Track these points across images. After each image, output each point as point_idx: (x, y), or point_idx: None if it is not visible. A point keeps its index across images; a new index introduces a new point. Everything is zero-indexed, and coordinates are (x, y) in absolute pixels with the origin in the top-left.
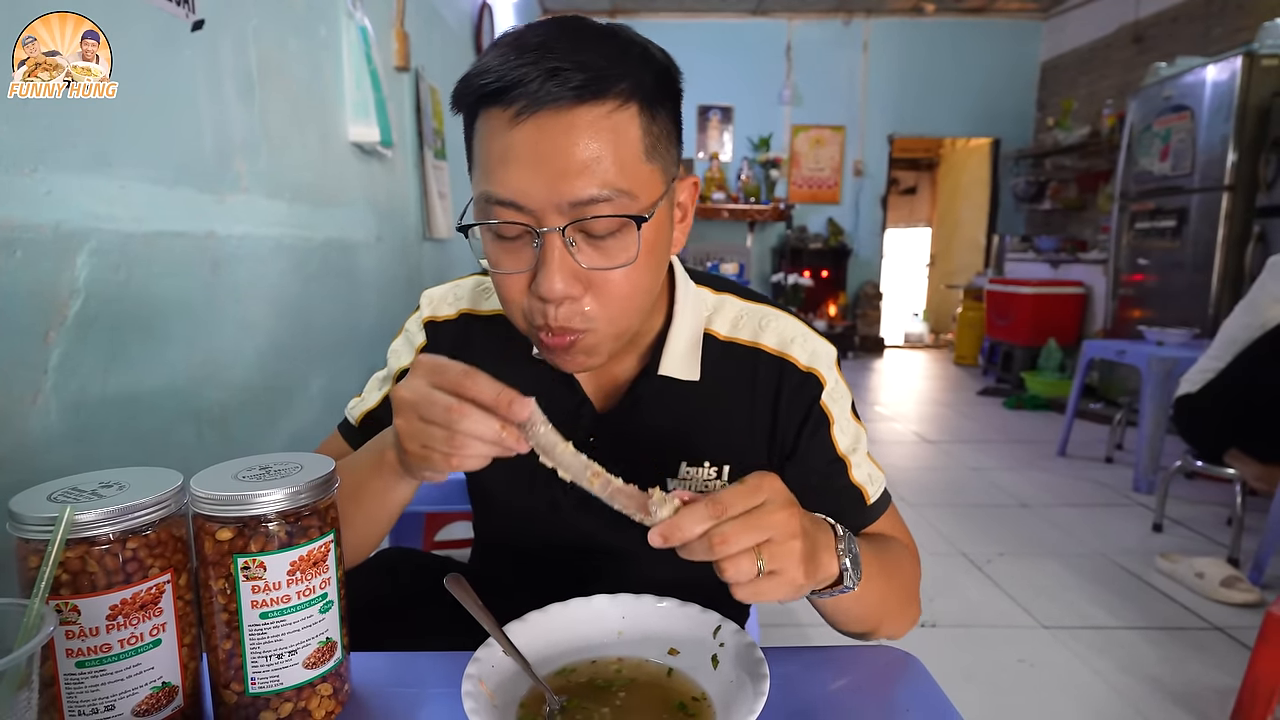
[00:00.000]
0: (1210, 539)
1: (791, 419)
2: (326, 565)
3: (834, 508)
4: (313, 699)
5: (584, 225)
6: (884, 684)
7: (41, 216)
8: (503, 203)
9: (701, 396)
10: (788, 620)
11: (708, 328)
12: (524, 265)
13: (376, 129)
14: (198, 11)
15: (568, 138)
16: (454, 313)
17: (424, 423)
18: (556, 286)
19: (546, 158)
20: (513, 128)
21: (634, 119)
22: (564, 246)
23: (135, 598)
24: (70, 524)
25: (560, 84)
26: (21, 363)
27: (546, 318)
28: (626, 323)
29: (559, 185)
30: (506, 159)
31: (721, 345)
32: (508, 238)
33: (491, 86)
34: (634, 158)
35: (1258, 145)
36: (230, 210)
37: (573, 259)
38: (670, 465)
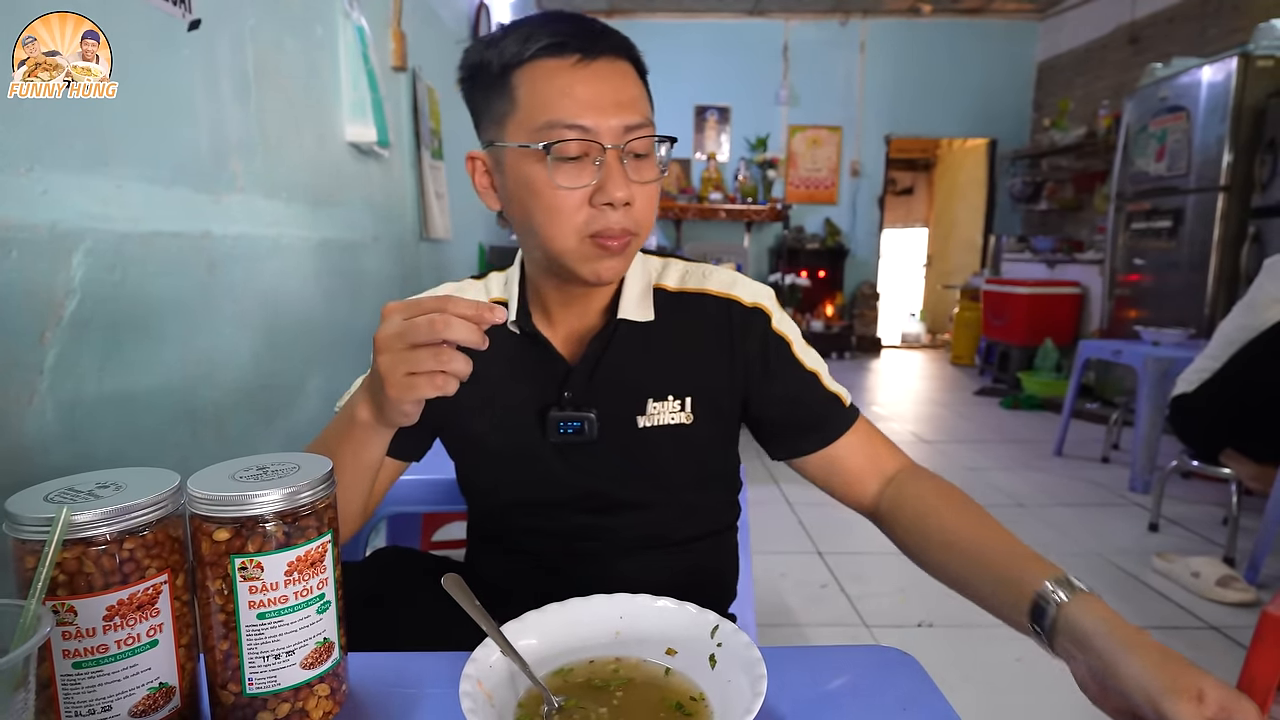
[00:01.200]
0: (1206, 539)
1: (749, 349)
2: (324, 566)
3: (819, 416)
4: (310, 699)
5: (632, 146)
6: (881, 683)
7: (37, 216)
8: (570, 126)
9: (658, 337)
10: (785, 620)
11: (657, 283)
12: (585, 180)
13: (373, 129)
14: (194, 11)
15: (618, 79)
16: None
17: (410, 349)
18: (620, 192)
19: (605, 94)
20: (572, 71)
21: (638, 78)
22: (620, 162)
23: (132, 598)
24: (67, 524)
25: (602, 43)
26: (17, 363)
27: (609, 222)
28: (647, 234)
29: (617, 113)
30: (571, 93)
31: (671, 295)
32: (571, 158)
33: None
34: (647, 102)
35: (1253, 146)
36: (226, 210)
37: (625, 172)
38: (638, 403)
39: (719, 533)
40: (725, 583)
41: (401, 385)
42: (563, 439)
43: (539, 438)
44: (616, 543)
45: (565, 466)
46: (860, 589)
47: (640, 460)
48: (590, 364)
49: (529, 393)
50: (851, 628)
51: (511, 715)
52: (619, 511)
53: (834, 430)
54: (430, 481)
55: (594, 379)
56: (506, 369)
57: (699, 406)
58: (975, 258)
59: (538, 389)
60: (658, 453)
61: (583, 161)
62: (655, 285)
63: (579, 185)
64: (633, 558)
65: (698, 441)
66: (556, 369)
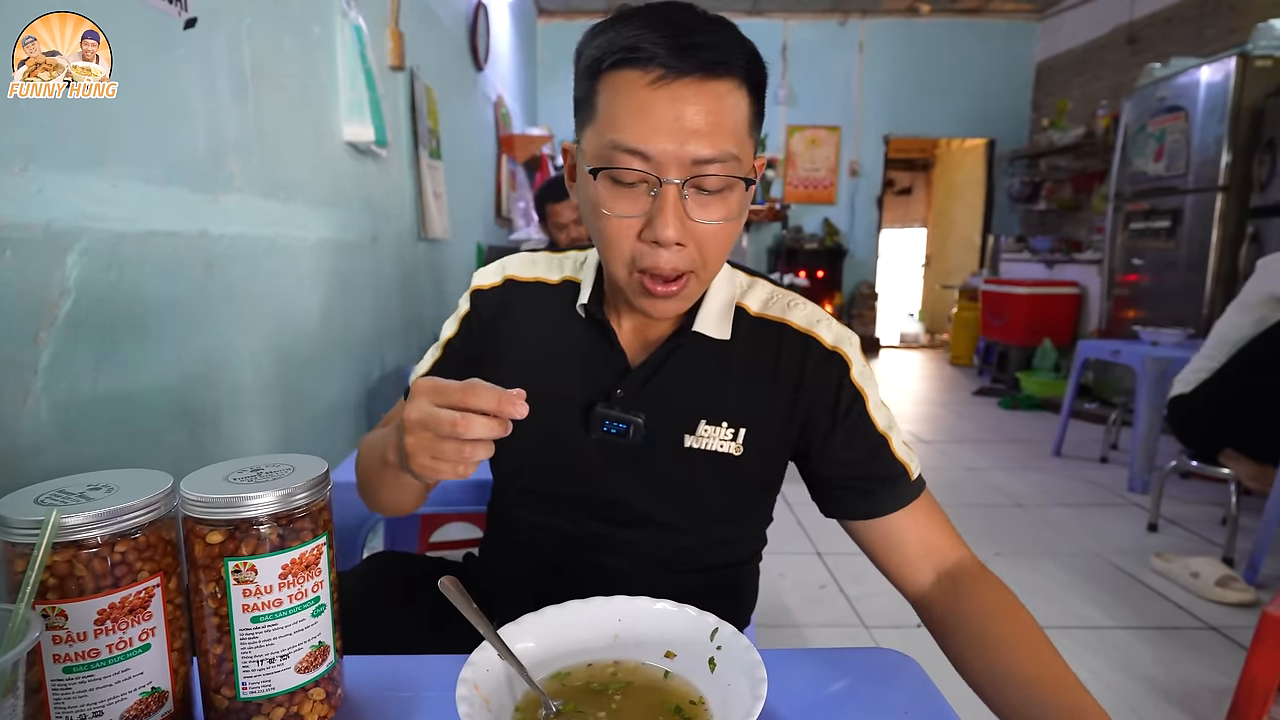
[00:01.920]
0: (1205, 539)
1: (819, 395)
2: (319, 568)
3: (882, 484)
4: (305, 704)
5: (699, 181)
6: (881, 686)
7: (32, 215)
8: (631, 151)
9: (728, 359)
10: (784, 621)
11: (740, 301)
12: (638, 211)
13: (371, 128)
14: (190, 10)
15: (698, 105)
16: (499, 279)
17: (435, 439)
18: (669, 232)
19: (678, 119)
20: (648, 90)
21: (744, 98)
22: (679, 198)
23: (124, 602)
24: (57, 527)
25: (694, 59)
26: (11, 363)
27: (657, 260)
28: (713, 274)
29: (686, 144)
30: (640, 115)
31: (751, 319)
32: (626, 184)
33: (631, 53)
34: (743, 130)
35: (1252, 146)
36: (223, 210)
37: (684, 210)
38: (690, 422)
39: (742, 563)
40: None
41: (425, 467)
42: (604, 438)
43: (580, 430)
44: (631, 559)
45: (598, 467)
46: (859, 589)
47: (679, 481)
48: (650, 369)
49: (582, 382)
50: (851, 628)
51: (509, 719)
52: (642, 528)
53: (894, 503)
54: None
55: (650, 385)
56: (565, 351)
57: (751, 440)
58: (974, 258)
59: (591, 380)
60: (699, 478)
61: (637, 190)
62: (738, 304)
63: (629, 215)
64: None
65: (742, 476)
66: (615, 364)
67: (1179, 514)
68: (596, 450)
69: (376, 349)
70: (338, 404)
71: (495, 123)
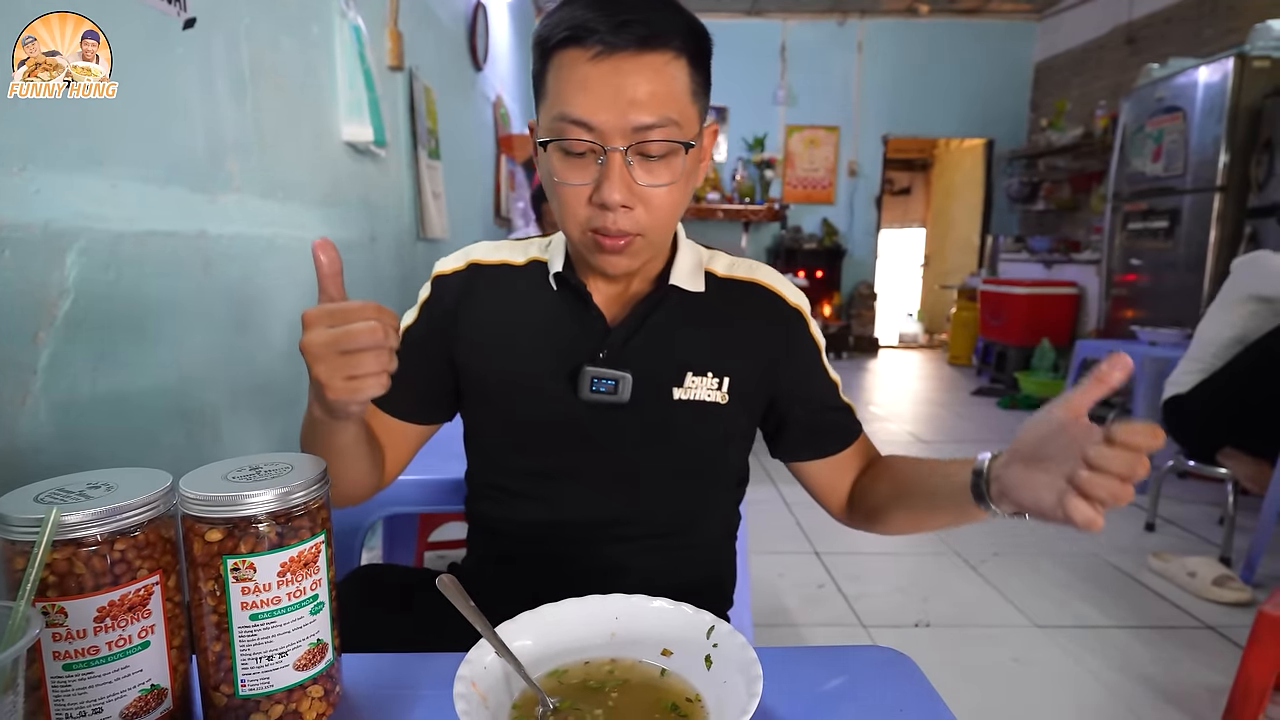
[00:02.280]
0: (1202, 538)
1: (786, 344)
2: (318, 566)
3: (836, 423)
4: (304, 701)
5: (642, 147)
6: (877, 684)
7: (30, 215)
8: (577, 122)
9: (705, 313)
10: (782, 620)
11: (707, 266)
12: (587, 179)
13: (370, 128)
14: (189, 10)
15: (636, 76)
16: (461, 264)
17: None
18: (615, 195)
19: (618, 90)
20: (589, 64)
21: (684, 68)
22: (624, 164)
23: (124, 599)
24: (57, 525)
25: (630, 34)
26: (10, 363)
27: (605, 222)
28: (663, 234)
29: (626, 113)
30: (584, 88)
31: (720, 279)
32: (575, 154)
33: (573, 31)
34: (683, 98)
35: (1249, 146)
36: (222, 210)
37: (630, 175)
38: (677, 375)
39: (721, 539)
40: (724, 591)
41: (344, 389)
42: (593, 398)
43: (569, 394)
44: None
45: (587, 432)
46: (857, 589)
47: (670, 433)
48: (632, 327)
49: (565, 347)
50: (848, 628)
51: (506, 717)
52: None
53: (849, 438)
54: (427, 481)
55: (633, 342)
56: (541, 323)
57: (735, 389)
58: (972, 258)
59: (572, 346)
60: (689, 429)
61: (586, 159)
62: (705, 268)
63: (580, 183)
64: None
65: (728, 425)
66: (594, 327)
67: (1176, 514)
68: (587, 412)
69: None
70: None
71: (494, 123)
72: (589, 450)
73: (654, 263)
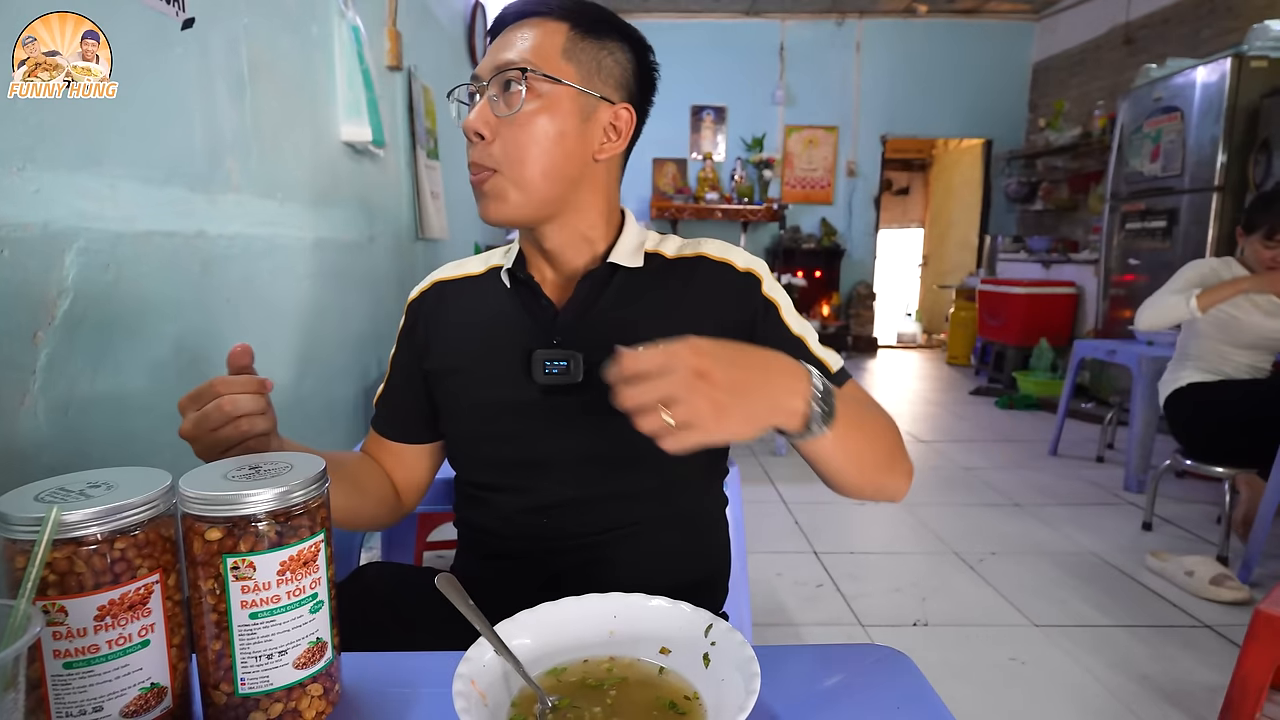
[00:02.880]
0: (1200, 538)
1: (740, 312)
2: (317, 565)
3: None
4: (303, 699)
5: (499, 79)
6: (875, 682)
7: (29, 215)
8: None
9: (653, 290)
10: (781, 619)
11: (654, 248)
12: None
13: (368, 128)
14: (187, 10)
15: (511, 35)
16: (427, 284)
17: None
18: (470, 121)
19: (496, 49)
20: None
21: (559, 31)
22: (487, 99)
23: (123, 598)
24: (57, 524)
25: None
26: (9, 363)
27: (470, 157)
28: (523, 174)
29: (495, 58)
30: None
31: (668, 260)
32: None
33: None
34: (551, 52)
35: (1247, 146)
36: (221, 209)
37: (489, 109)
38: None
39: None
40: (716, 580)
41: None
42: (549, 380)
43: (526, 382)
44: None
45: (551, 417)
46: (855, 588)
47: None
48: (579, 307)
49: (521, 339)
50: (847, 627)
51: (505, 715)
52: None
53: None
54: None
55: (583, 322)
56: (498, 321)
57: None
58: (971, 258)
59: (529, 335)
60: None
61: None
62: (652, 250)
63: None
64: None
65: None
66: (545, 314)
67: (1174, 513)
68: (545, 398)
69: (373, 349)
70: (335, 403)
71: None
72: (553, 435)
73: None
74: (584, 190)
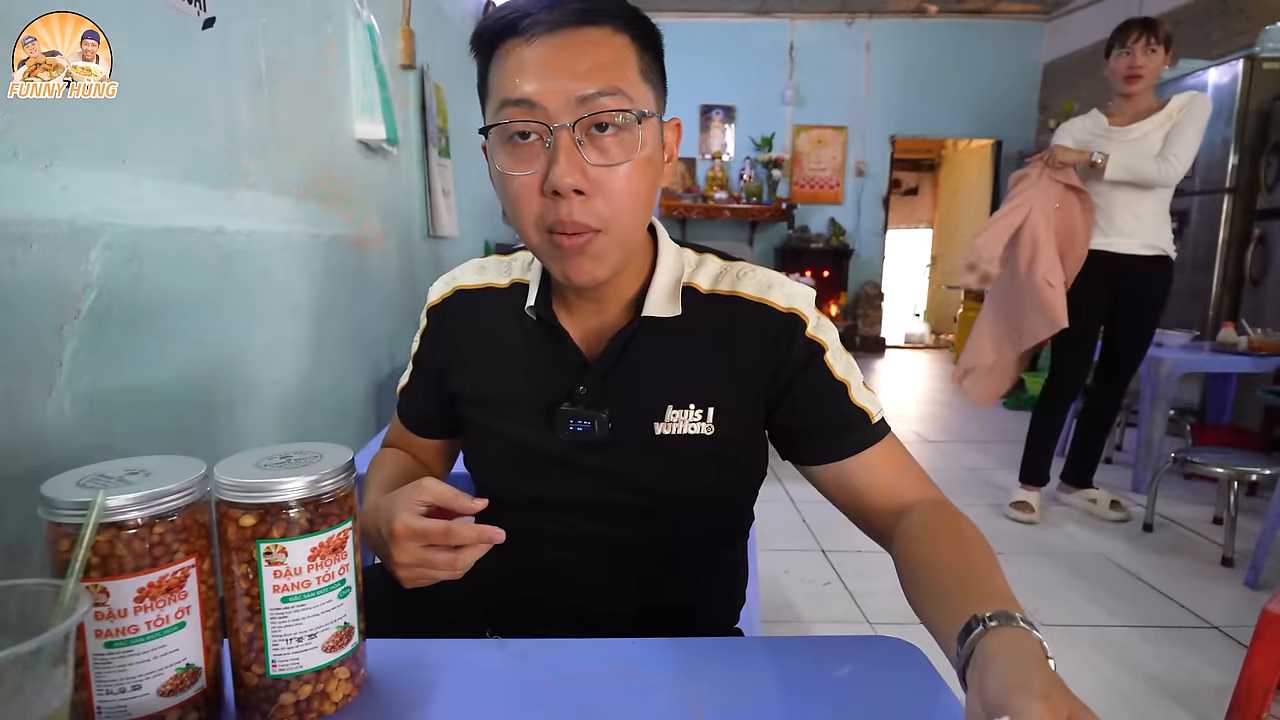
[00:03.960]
0: (1203, 537)
1: (779, 357)
2: (345, 551)
3: (840, 426)
4: (331, 682)
5: (591, 120)
6: (886, 674)
7: (57, 211)
8: (518, 103)
9: (684, 339)
10: (789, 617)
11: (690, 281)
12: (537, 166)
13: (382, 126)
14: (208, 9)
15: (576, 48)
16: (449, 290)
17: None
18: (567, 179)
19: (558, 65)
20: (527, 48)
21: (628, 44)
22: (573, 143)
23: (162, 581)
24: (103, 508)
25: (563, 11)
26: (37, 355)
27: (560, 214)
28: (628, 231)
29: (569, 84)
30: (521, 70)
31: (704, 297)
32: (521, 139)
33: (506, 21)
34: (632, 71)
35: (1259, 148)
36: (239, 206)
37: (581, 156)
38: (657, 409)
39: (725, 565)
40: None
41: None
42: (571, 437)
43: (547, 433)
44: (622, 555)
45: (574, 468)
46: (863, 586)
47: (655, 470)
48: (609, 362)
49: (542, 386)
50: (854, 624)
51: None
52: (627, 522)
53: (853, 444)
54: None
55: (611, 378)
56: (523, 358)
57: (721, 418)
58: None
59: (551, 383)
60: (675, 463)
61: (533, 144)
62: (687, 283)
63: (528, 171)
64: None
65: (718, 455)
66: (573, 363)
67: (1178, 514)
68: (568, 450)
69: (386, 345)
70: (349, 398)
71: None
72: (575, 484)
73: (628, 281)
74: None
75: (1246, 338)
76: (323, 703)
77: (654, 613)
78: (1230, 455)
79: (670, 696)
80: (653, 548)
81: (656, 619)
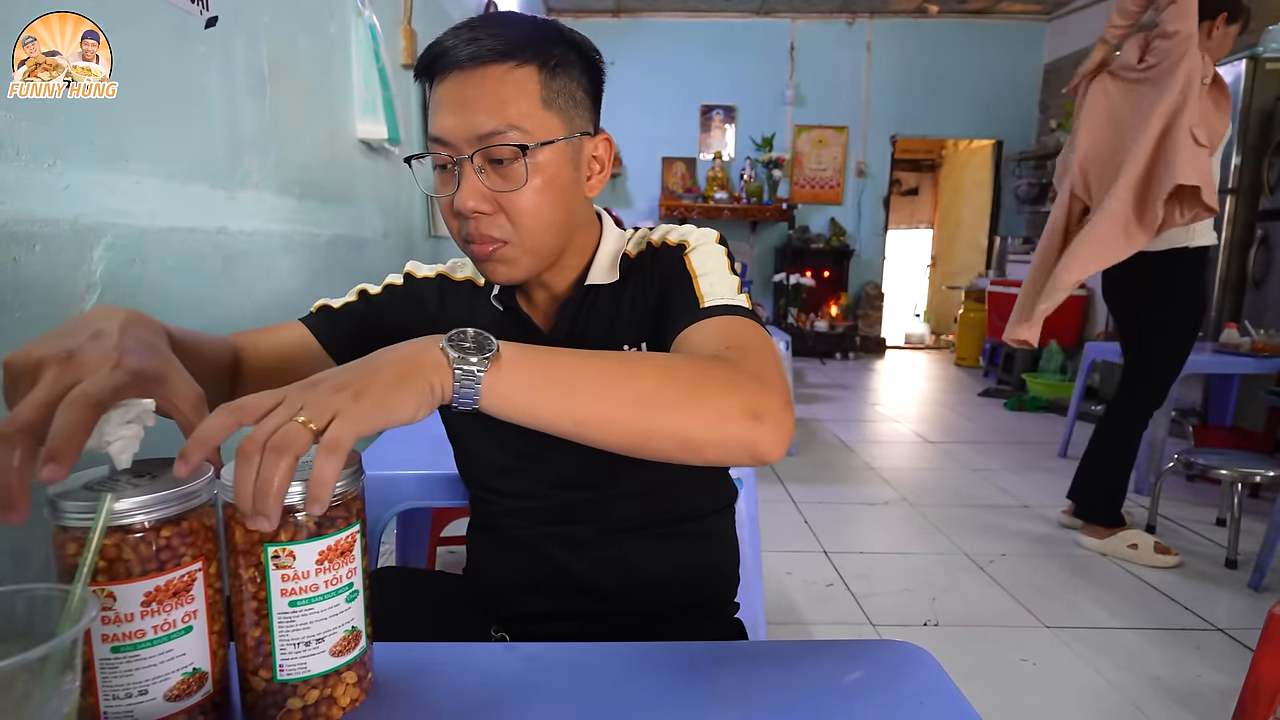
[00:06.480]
0: (1206, 538)
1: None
2: (353, 555)
3: (675, 314)
4: (338, 686)
5: (487, 153)
6: (895, 677)
7: (60, 211)
8: (435, 139)
9: (622, 298)
10: (792, 619)
11: (625, 249)
12: (452, 189)
13: (384, 126)
14: (211, 9)
15: (478, 86)
16: (432, 274)
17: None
18: (468, 203)
19: (461, 103)
20: (443, 87)
21: (532, 76)
22: (474, 172)
23: (169, 585)
24: (111, 512)
25: (472, 50)
26: None
27: (469, 229)
28: (537, 240)
29: (469, 122)
30: (438, 108)
31: (633, 260)
32: (442, 169)
33: (431, 57)
34: (531, 104)
35: (1262, 149)
36: (241, 206)
37: (481, 182)
38: None
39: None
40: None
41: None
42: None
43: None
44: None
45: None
46: (865, 588)
47: None
48: (563, 331)
49: None
50: (857, 626)
51: None
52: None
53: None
54: (438, 476)
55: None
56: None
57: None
58: (980, 259)
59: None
60: None
61: (449, 171)
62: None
63: (446, 194)
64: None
65: None
66: (531, 337)
67: (1182, 515)
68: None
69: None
70: None
71: None
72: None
73: (570, 266)
74: (577, 226)
75: (1249, 339)
76: (330, 707)
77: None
78: (1233, 457)
79: (678, 701)
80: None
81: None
